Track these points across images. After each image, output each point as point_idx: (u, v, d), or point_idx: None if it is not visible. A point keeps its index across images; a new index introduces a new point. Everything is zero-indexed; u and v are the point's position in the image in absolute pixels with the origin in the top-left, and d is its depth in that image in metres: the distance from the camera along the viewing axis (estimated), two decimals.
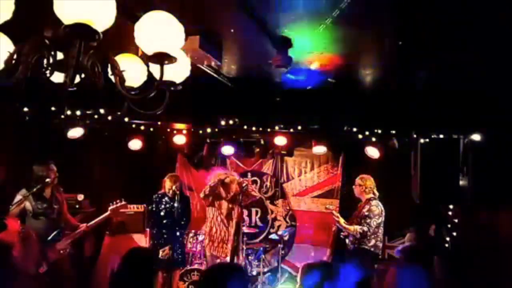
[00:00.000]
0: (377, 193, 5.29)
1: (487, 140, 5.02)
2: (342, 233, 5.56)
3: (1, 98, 4.57)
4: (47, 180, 4.63)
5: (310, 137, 6.17)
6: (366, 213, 5.10)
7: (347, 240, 5.37)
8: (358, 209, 5.33)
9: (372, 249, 5.07)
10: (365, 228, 5.04)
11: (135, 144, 6.38)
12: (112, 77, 1.80)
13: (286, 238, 6.82)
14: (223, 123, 5.81)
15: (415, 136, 5.51)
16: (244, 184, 5.35)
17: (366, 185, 5.28)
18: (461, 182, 5.31)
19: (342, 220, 5.28)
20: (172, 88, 2.02)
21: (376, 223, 5.08)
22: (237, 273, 2.20)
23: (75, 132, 5.83)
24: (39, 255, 4.18)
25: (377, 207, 5.14)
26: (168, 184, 5.40)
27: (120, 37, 2.43)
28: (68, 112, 5.45)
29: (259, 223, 7.16)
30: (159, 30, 1.75)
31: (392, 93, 4.91)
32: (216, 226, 5.47)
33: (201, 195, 5.57)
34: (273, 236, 6.66)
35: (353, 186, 5.43)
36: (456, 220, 5.29)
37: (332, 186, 6.96)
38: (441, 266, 2.70)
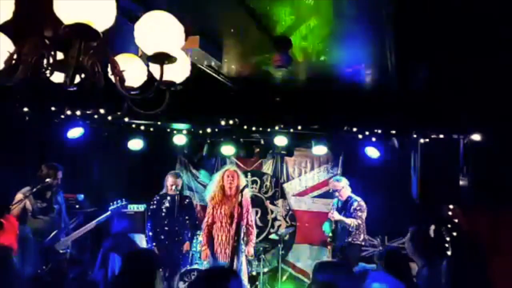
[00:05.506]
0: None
1: (487, 140, 5.02)
2: (328, 236, 5.67)
3: (1, 98, 4.58)
4: (47, 180, 4.68)
5: (310, 137, 6.17)
6: (357, 208, 5.32)
7: (337, 241, 5.52)
8: (344, 207, 5.48)
9: (363, 243, 5.34)
10: (359, 221, 5.26)
11: (135, 144, 6.38)
12: (112, 77, 1.80)
13: (286, 238, 6.82)
14: (223, 123, 5.80)
15: (415, 136, 5.51)
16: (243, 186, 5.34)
17: (342, 185, 5.50)
18: (461, 182, 5.31)
19: (336, 214, 5.43)
20: (172, 88, 2.02)
21: (364, 216, 5.33)
22: (234, 277, 2.17)
23: (75, 132, 5.83)
24: (37, 256, 4.19)
25: (362, 201, 5.38)
26: (170, 181, 5.40)
27: (120, 37, 2.43)
28: (68, 112, 5.44)
29: (259, 223, 7.15)
30: (159, 30, 1.75)
31: (392, 93, 4.91)
32: (218, 227, 5.35)
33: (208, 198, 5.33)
34: (273, 236, 6.66)
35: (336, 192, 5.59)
36: (456, 220, 5.30)
37: None
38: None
